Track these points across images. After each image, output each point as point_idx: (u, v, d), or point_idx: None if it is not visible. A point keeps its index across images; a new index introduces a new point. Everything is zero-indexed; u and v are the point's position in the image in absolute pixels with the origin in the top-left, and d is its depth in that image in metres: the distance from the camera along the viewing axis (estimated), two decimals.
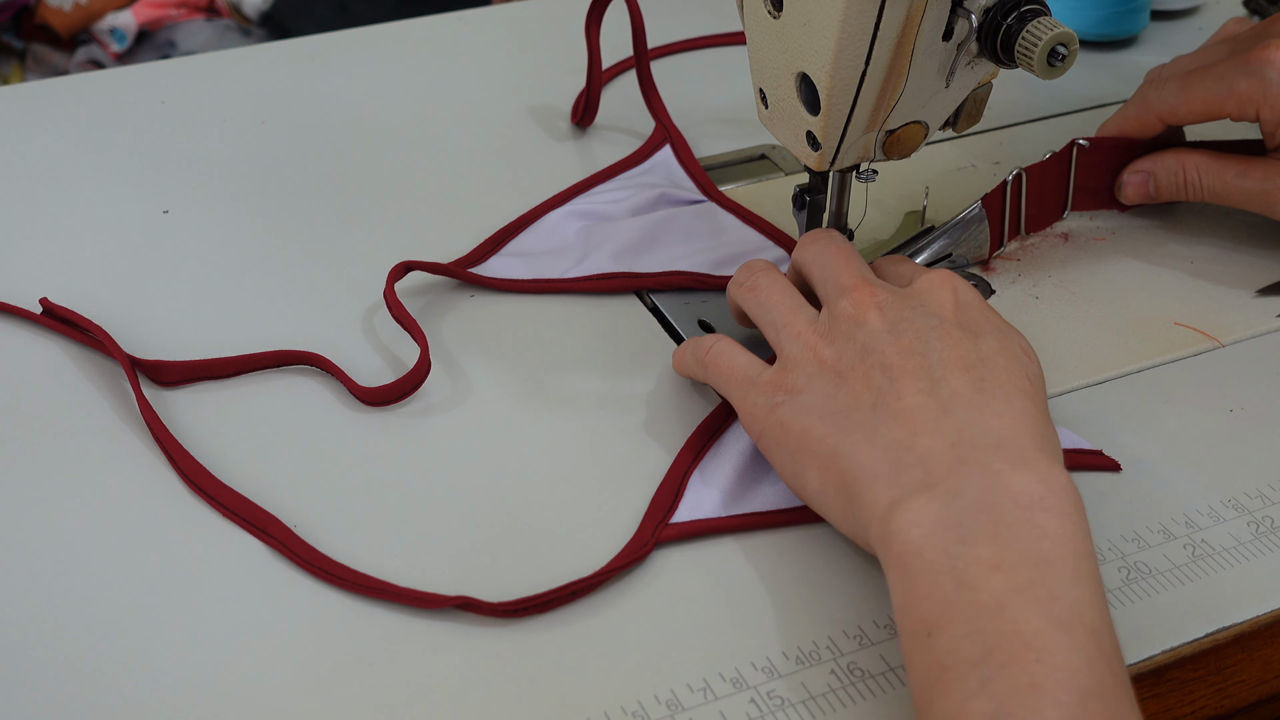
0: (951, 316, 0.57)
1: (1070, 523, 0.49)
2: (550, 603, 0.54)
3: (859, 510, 0.53)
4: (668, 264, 0.72)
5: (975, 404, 0.53)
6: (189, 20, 1.96)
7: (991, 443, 0.52)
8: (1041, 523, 0.49)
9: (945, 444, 0.52)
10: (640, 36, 0.82)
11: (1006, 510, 0.49)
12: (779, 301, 0.60)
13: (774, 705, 0.51)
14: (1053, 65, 0.57)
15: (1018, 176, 0.73)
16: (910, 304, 0.57)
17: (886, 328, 0.56)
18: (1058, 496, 0.50)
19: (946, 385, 0.54)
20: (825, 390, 0.56)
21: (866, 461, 0.53)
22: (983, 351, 0.55)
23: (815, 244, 0.62)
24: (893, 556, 0.50)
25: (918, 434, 0.52)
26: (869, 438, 0.53)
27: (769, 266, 0.63)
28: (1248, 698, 0.53)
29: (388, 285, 0.68)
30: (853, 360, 0.56)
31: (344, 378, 0.64)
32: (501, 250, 0.73)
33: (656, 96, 0.83)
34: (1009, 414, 0.53)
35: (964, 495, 0.50)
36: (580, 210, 0.76)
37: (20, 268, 0.72)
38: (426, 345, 0.64)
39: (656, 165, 0.81)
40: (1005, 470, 0.50)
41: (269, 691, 0.51)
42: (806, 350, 0.57)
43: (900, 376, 0.54)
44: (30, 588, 0.55)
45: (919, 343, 0.55)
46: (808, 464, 0.55)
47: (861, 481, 0.53)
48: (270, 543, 0.56)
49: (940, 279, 0.58)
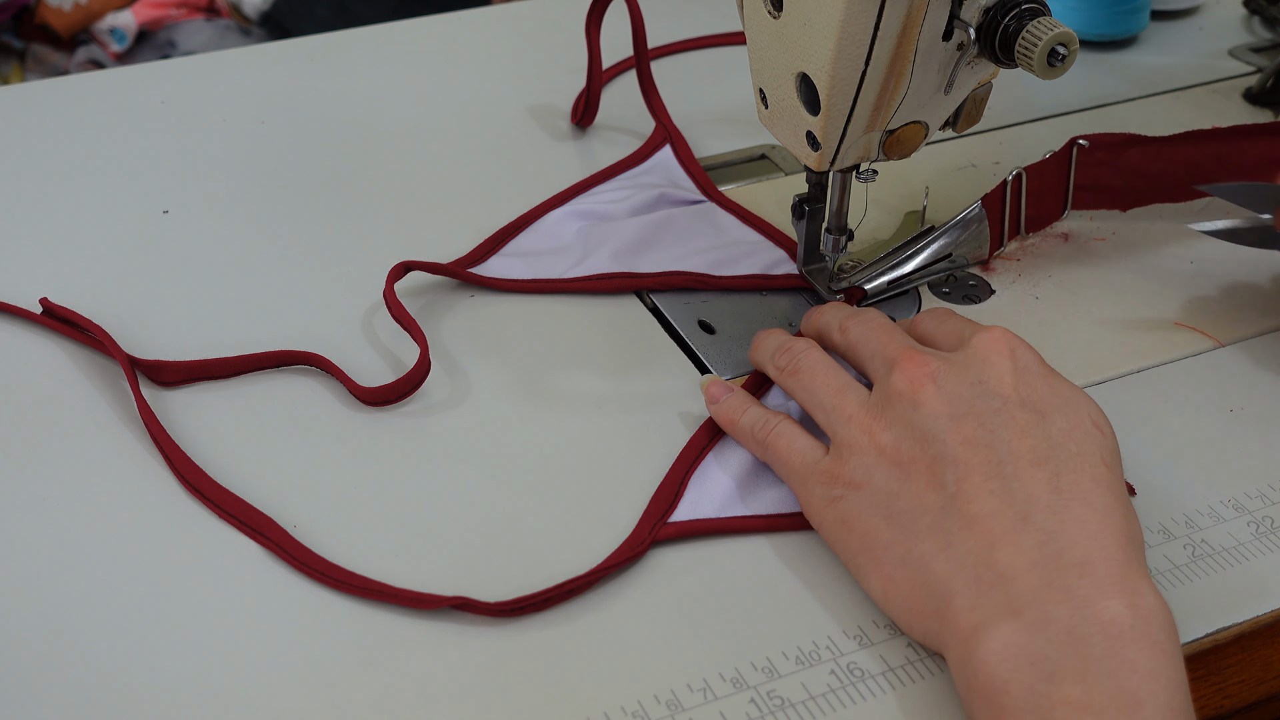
0: (1013, 395, 0.54)
1: (1161, 653, 0.47)
2: (547, 602, 0.54)
3: (940, 626, 0.50)
4: (667, 264, 0.72)
5: (1054, 510, 0.50)
6: (189, 20, 1.96)
7: (1076, 561, 0.49)
8: (1131, 657, 0.46)
9: (1027, 562, 0.49)
10: (640, 36, 0.82)
11: (1095, 643, 0.47)
12: (825, 383, 0.58)
13: (774, 705, 0.51)
14: (1052, 65, 0.57)
15: (1018, 176, 0.73)
16: (967, 378, 0.54)
17: (946, 411, 0.53)
18: (1148, 623, 0.47)
19: (1021, 487, 0.51)
20: (887, 487, 0.53)
21: (942, 575, 0.51)
22: (1053, 437, 0.52)
23: (857, 326, 0.60)
24: (978, 688, 0.48)
25: (996, 548, 0.50)
26: (943, 548, 0.51)
27: (809, 345, 0.61)
28: (1247, 698, 0.53)
29: (387, 285, 0.68)
30: (913, 450, 0.53)
31: (344, 377, 0.64)
32: (501, 250, 0.73)
33: (656, 96, 0.83)
34: (1091, 519, 0.50)
35: (1051, 626, 0.47)
36: (580, 210, 0.76)
37: (20, 268, 0.72)
38: (426, 345, 0.64)
39: (656, 165, 0.81)
40: (1093, 595, 0.48)
41: (266, 692, 0.51)
42: (862, 435, 0.55)
43: (969, 474, 0.52)
44: (29, 587, 0.55)
45: (984, 431, 0.53)
46: (873, 569, 0.53)
47: (939, 597, 0.50)
48: (267, 545, 0.56)
49: (995, 343, 0.55)
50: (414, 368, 0.63)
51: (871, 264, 0.71)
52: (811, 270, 0.71)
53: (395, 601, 0.54)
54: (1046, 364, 0.56)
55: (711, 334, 0.69)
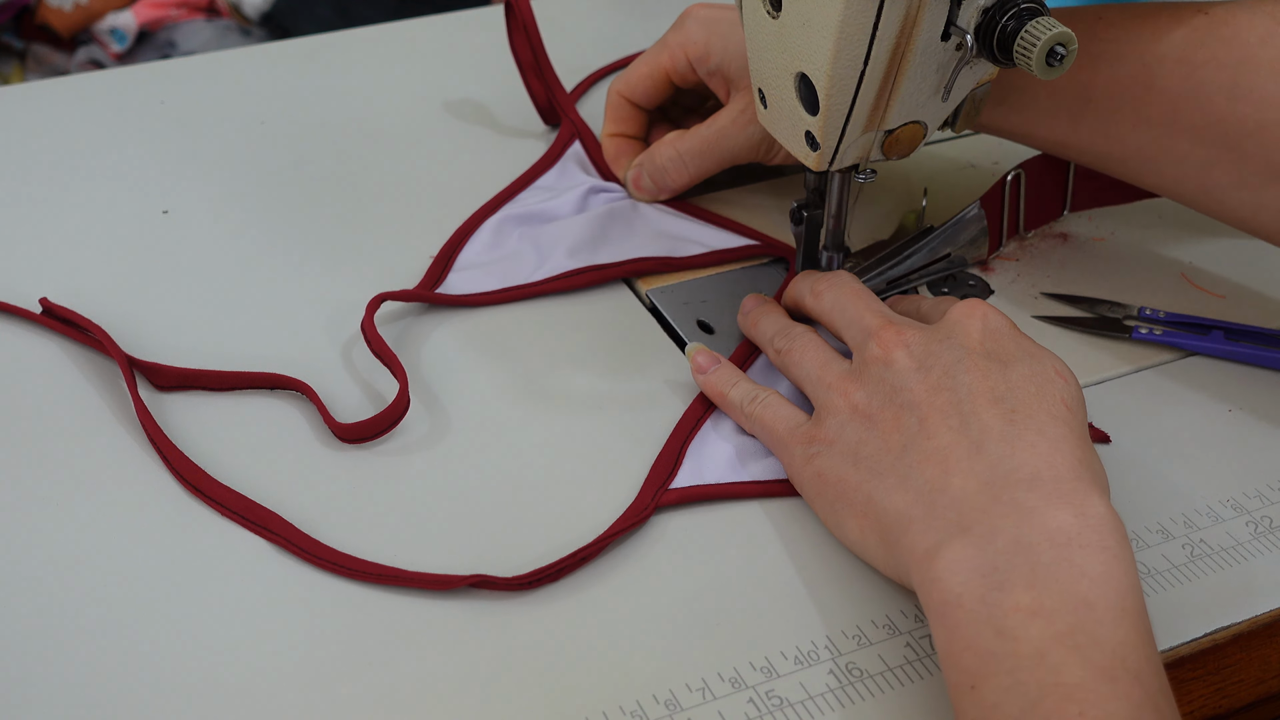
0: (979, 347, 0.56)
1: (1111, 557, 0.48)
2: (561, 571, 0.55)
3: (898, 556, 0.52)
4: (624, 255, 0.73)
5: (1007, 438, 0.52)
6: (189, 20, 1.96)
7: (1025, 478, 0.50)
8: (1080, 561, 0.48)
9: (978, 483, 0.51)
10: (535, 37, 0.82)
11: (1043, 550, 0.48)
12: (812, 358, 0.60)
13: (772, 705, 0.51)
14: (1051, 65, 0.57)
15: (1016, 176, 0.73)
16: (937, 338, 0.57)
17: (914, 365, 0.56)
18: (1096, 530, 0.49)
19: (977, 420, 0.53)
20: (857, 436, 0.55)
21: (901, 506, 0.52)
22: (1012, 380, 0.54)
23: (830, 291, 0.62)
24: (933, 606, 0.49)
25: (950, 474, 0.52)
26: (902, 481, 0.53)
27: (805, 330, 0.63)
28: (1246, 697, 0.53)
29: (366, 316, 0.66)
30: (882, 403, 0.55)
31: (324, 414, 0.62)
32: (454, 266, 0.72)
33: (562, 91, 0.84)
34: (1042, 444, 0.52)
35: (999, 537, 0.49)
36: (515, 215, 0.75)
37: (20, 268, 0.72)
38: (405, 380, 0.62)
39: (570, 160, 0.81)
40: (1040, 506, 0.49)
41: (273, 686, 0.51)
42: (839, 398, 0.57)
43: (929, 415, 0.54)
44: (29, 586, 0.55)
45: (947, 378, 0.55)
46: (846, 513, 0.55)
47: (898, 527, 0.52)
48: (273, 539, 0.56)
49: (967, 308, 0.58)
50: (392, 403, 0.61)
51: (871, 264, 0.71)
52: None
53: (412, 585, 0.54)
54: (1018, 329, 0.57)
55: (710, 334, 0.69)
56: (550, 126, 0.85)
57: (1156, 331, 0.68)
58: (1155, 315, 0.69)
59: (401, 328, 0.68)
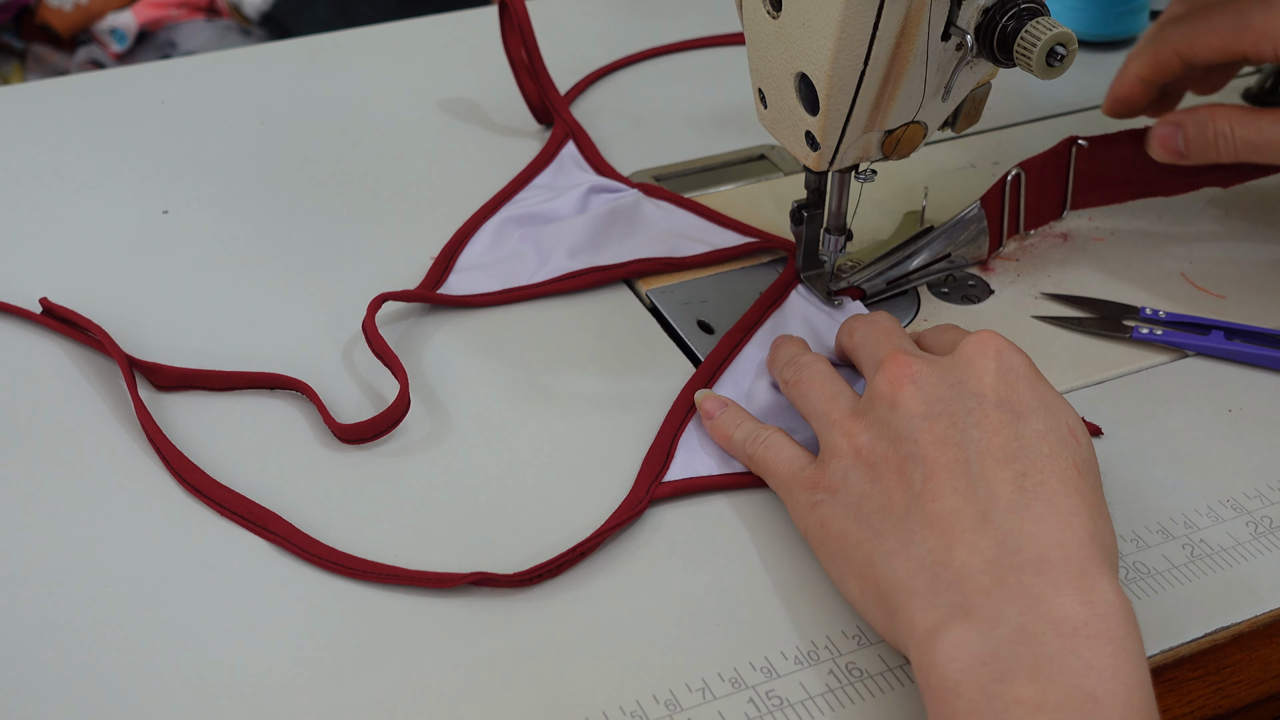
0: (992, 395, 0.53)
1: (1119, 649, 0.45)
2: (561, 567, 0.55)
3: (897, 628, 0.50)
4: (625, 256, 0.73)
5: (1015, 508, 0.49)
6: (189, 20, 1.96)
7: (1032, 559, 0.48)
8: (1087, 654, 0.45)
9: (983, 560, 0.48)
10: (530, 38, 0.82)
11: (1048, 641, 0.45)
12: (819, 390, 0.58)
13: (772, 705, 0.51)
14: (1051, 65, 0.57)
15: (1016, 176, 0.73)
16: (948, 379, 0.54)
17: (921, 410, 0.53)
18: (1104, 619, 0.46)
19: (985, 484, 0.50)
20: (860, 488, 0.53)
21: (903, 576, 0.50)
22: (1025, 437, 0.51)
23: (862, 328, 0.61)
24: (931, 690, 0.47)
25: (954, 546, 0.49)
26: (903, 547, 0.50)
27: (815, 359, 0.61)
28: (1246, 698, 0.53)
29: (368, 317, 0.66)
30: (886, 450, 0.53)
31: (325, 414, 0.62)
32: (455, 267, 0.73)
33: (554, 92, 0.84)
34: (1052, 519, 0.49)
35: (1003, 625, 0.46)
36: (515, 216, 0.75)
37: (20, 268, 0.72)
38: (406, 381, 0.63)
39: (565, 160, 0.81)
40: (1047, 593, 0.47)
41: (274, 686, 0.51)
42: (843, 438, 0.55)
43: (935, 473, 0.51)
44: (29, 586, 0.55)
45: (955, 430, 0.52)
46: (846, 570, 0.53)
47: (899, 598, 0.50)
48: (273, 539, 0.56)
49: (982, 344, 0.55)
50: (393, 404, 0.62)
51: (870, 264, 0.71)
52: (810, 275, 0.71)
53: (413, 584, 0.54)
54: (1035, 369, 0.55)
55: (710, 333, 0.69)
56: (544, 125, 0.85)
57: (1156, 331, 0.68)
58: (1155, 315, 0.69)
59: (403, 328, 0.68)
